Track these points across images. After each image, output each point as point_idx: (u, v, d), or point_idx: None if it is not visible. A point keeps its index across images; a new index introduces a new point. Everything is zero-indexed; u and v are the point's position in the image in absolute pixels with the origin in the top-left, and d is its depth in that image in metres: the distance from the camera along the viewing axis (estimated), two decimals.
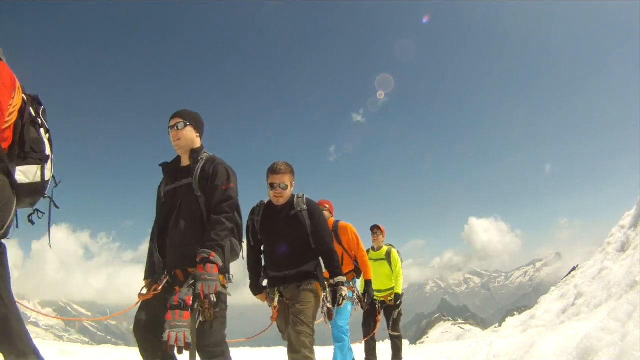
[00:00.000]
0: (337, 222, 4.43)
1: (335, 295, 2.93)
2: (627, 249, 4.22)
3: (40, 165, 2.22)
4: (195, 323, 2.12)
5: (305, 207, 2.99)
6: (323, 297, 2.98)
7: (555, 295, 5.51)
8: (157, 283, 2.34)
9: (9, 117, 2.07)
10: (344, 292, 2.93)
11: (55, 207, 2.35)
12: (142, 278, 2.51)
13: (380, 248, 5.60)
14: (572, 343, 2.42)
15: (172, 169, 2.57)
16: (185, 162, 2.54)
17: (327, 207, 4.39)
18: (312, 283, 2.90)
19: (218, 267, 2.18)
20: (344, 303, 4.00)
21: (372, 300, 5.21)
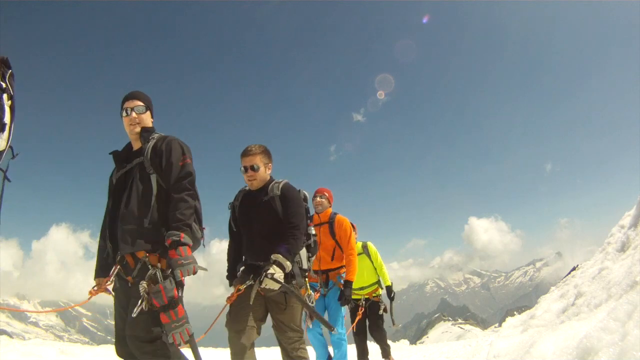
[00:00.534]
0: (334, 213, 4.24)
1: (262, 273, 2.49)
2: (627, 249, 4.22)
3: None
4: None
5: (279, 192, 2.74)
6: (305, 296, 2.79)
7: (555, 295, 5.50)
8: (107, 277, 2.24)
9: None
10: (275, 272, 2.46)
11: (7, 180, 2.07)
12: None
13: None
14: (572, 343, 2.42)
15: (123, 156, 2.40)
16: (138, 146, 2.37)
17: (325, 195, 4.22)
18: (291, 284, 2.66)
19: (190, 247, 2.05)
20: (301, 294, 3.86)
21: (353, 300, 5.07)
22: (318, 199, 4.22)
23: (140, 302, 2.00)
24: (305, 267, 2.83)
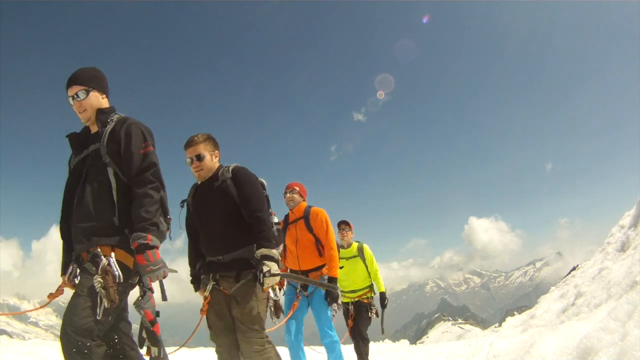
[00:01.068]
0: (309, 207, 3.87)
1: (258, 274, 2.34)
2: (627, 249, 4.22)
3: None
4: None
5: (230, 175, 2.52)
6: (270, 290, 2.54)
7: (555, 295, 5.50)
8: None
9: None
10: (267, 267, 2.30)
11: None
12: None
13: (350, 245, 5.07)
14: (572, 343, 2.42)
15: (81, 139, 2.13)
16: (95, 129, 2.11)
17: (296, 189, 3.88)
18: (250, 276, 2.41)
19: (158, 249, 1.85)
20: (305, 296, 3.66)
21: (343, 304, 4.74)
22: (288, 195, 3.86)
23: (99, 300, 1.77)
24: None
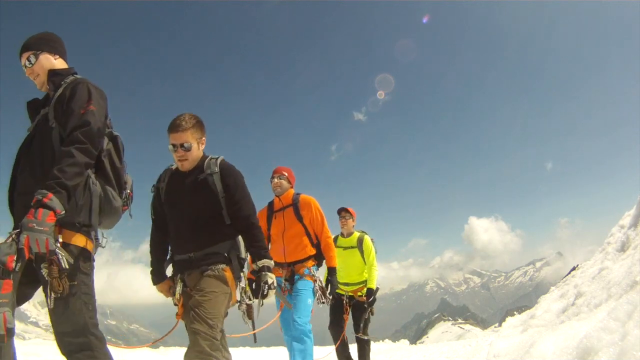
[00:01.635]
0: (297, 194, 3.56)
1: (260, 284, 2.22)
2: (627, 249, 4.22)
3: None
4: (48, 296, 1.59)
5: (218, 169, 2.29)
6: (240, 288, 2.34)
7: (555, 295, 5.50)
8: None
9: None
10: (271, 279, 2.21)
11: None
12: (142, 278, 2.26)
13: (351, 234, 4.62)
14: (572, 343, 2.42)
15: (39, 105, 1.96)
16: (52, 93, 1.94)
17: (284, 174, 3.56)
18: (219, 268, 2.21)
19: (56, 214, 1.55)
20: (302, 295, 3.26)
21: (337, 295, 4.42)
22: (276, 180, 3.53)
23: (49, 289, 1.62)
24: (243, 255, 2.39)
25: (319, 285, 3.50)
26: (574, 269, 6.76)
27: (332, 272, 3.55)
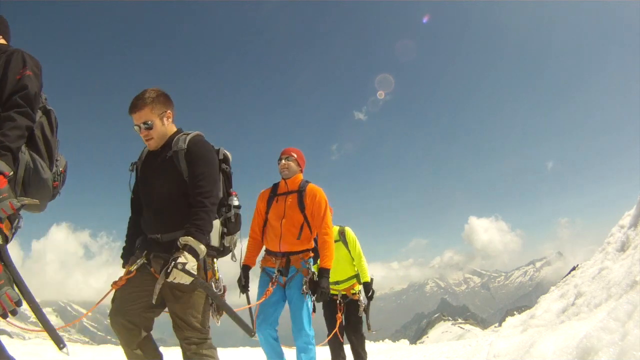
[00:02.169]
0: (306, 182, 3.26)
1: (170, 261, 1.92)
2: (627, 249, 4.22)
3: None
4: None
5: (185, 146, 2.10)
6: (211, 281, 2.15)
7: (555, 295, 5.51)
8: None
9: None
10: (187, 262, 1.90)
11: None
12: None
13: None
14: (572, 343, 2.42)
15: None
16: None
17: (293, 156, 3.25)
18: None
19: (5, 176, 1.53)
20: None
21: (329, 296, 4.08)
22: (283, 162, 3.24)
23: None
24: (216, 244, 2.19)
25: (310, 279, 3.07)
26: (574, 269, 6.76)
27: (323, 273, 3.04)
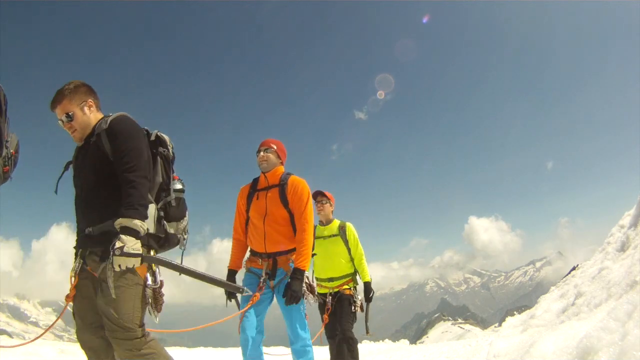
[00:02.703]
0: (287, 174, 2.99)
1: (111, 249, 1.80)
2: (627, 249, 4.22)
3: None
4: None
5: (107, 125, 1.98)
6: (148, 274, 1.98)
7: (555, 295, 5.51)
8: None
9: None
10: (124, 244, 1.78)
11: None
12: None
13: (330, 222, 4.02)
14: (572, 343, 2.42)
15: None
16: None
17: (273, 147, 2.99)
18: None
19: None
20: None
21: (319, 298, 3.82)
22: (262, 154, 2.96)
23: None
24: (151, 230, 2.02)
25: (307, 283, 2.86)
26: (574, 269, 6.76)
27: (296, 274, 2.72)
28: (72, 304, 2.02)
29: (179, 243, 2.22)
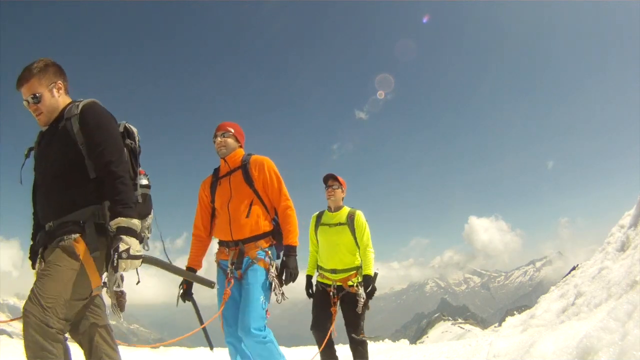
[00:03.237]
0: (248, 155, 2.79)
1: (112, 253, 1.72)
2: (627, 249, 4.22)
3: None
4: None
5: (79, 111, 1.86)
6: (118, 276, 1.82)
7: (555, 295, 5.51)
8: None
9: None
10: (125, 246, 1.71)
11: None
12: (142, 277, 2.04)
13: (340, 208, 3.68)
14: (572, 342, 2.42)
15: None
16: None
17: (230, 130, 2.75)
18: (71, 237, 1.75)
19: None
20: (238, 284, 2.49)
21: (322, 285, 3.59)
22: (219, 139, 2.74)
23: None
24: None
25: (274, 274, 2.60)
26: (574, 269, 6.76)
27: (289, 251, 2.60)
28: None
29: (142, 242, 2.07)
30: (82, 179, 1.82)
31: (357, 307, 3.43)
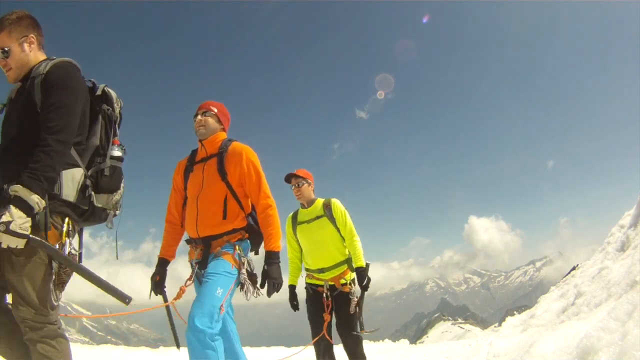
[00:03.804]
0: (228, 141, 2.46)
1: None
2: (627, 249, 4.23)
3: None
4: None
5: (45, 71, 1.69)
6: (58, 245, 1.65)
7: (555, 295, 5.51)
8: None
9: None
10: (11, 220, 1.46)
11: None
12: (141, 278, 1.84)
13: (313, 202, 3.36)
14: (572, 342, 2.42)
15: None
16: None
17: (213, 110, 2.47)
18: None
19: None
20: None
21: (312, 288, 3.32)
22: (199, 117, 2.44)
23: None
24: (71, 199, 1.69)
25: (247, 271, 2.25)
26: (574, 269, 6.76)
27: (271, 258, 2.25)
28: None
29: (107, 219, 1.87)
30: (35, 147, 1.58)
31: (350, 307, 3.17)
